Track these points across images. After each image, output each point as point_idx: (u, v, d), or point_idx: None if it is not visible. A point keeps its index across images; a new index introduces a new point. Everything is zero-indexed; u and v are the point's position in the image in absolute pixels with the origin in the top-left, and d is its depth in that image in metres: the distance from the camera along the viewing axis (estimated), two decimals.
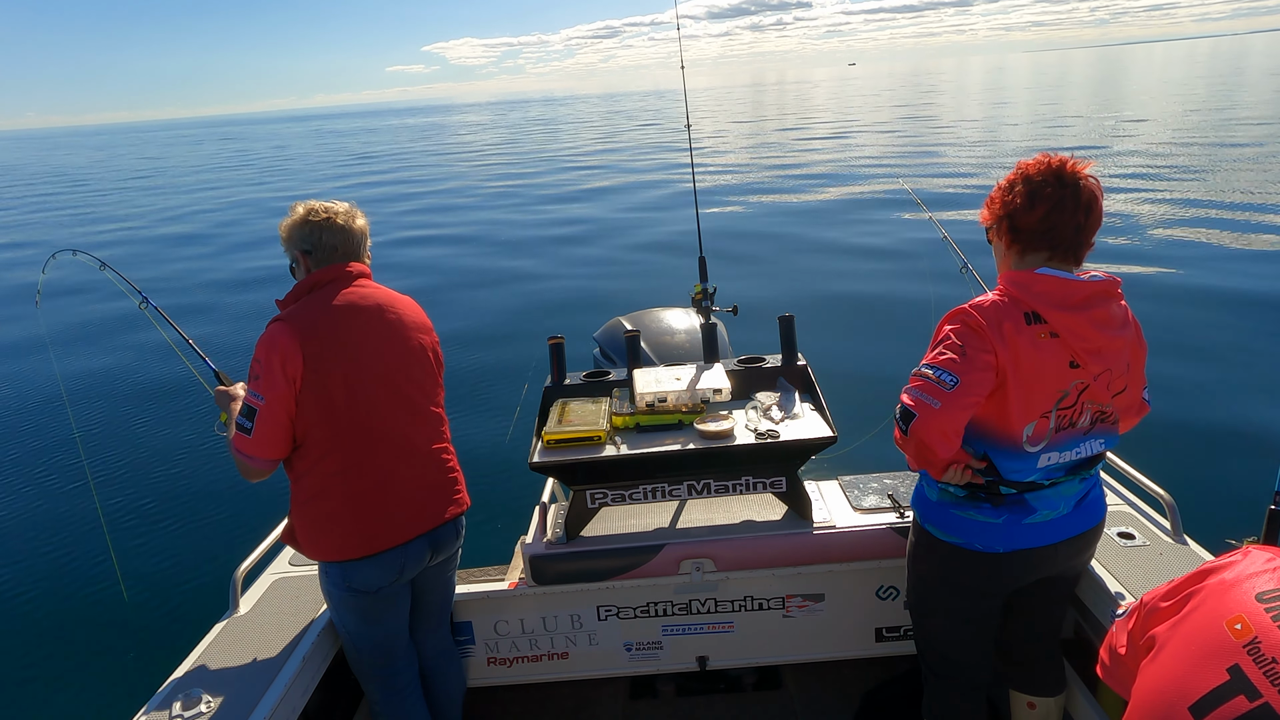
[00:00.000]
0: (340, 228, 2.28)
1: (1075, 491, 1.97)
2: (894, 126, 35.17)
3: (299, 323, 2.15)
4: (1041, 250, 1.86)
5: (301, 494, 2.22)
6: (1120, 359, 1.88)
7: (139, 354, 9.90)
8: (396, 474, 2.26)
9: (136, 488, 6.38)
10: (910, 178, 19.07)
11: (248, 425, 2.11)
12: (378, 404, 2.23)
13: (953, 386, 1.78)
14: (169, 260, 16.49)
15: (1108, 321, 1.82)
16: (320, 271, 2.26)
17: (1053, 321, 1.80)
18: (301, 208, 2.31)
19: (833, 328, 8.86)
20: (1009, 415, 1.85)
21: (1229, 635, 0.94)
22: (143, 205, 27.50)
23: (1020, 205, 1.85)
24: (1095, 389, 1.87)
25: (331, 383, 2.15)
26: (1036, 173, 1.85)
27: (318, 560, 2.29)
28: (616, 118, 67.42)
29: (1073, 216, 1.81)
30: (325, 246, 2.27)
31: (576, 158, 32.63)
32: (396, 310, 2.33)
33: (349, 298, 2.24)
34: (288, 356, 2.10)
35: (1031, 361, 1.81)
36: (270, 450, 2.14)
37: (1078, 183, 1.81)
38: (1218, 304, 8.68)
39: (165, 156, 60.61)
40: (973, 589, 2.06)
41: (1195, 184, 15.84)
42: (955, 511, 2.00)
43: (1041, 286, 1.81)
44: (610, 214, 17.91)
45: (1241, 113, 29.40)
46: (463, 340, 9.44)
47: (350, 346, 2.19)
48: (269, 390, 2.10)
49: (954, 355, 1.80)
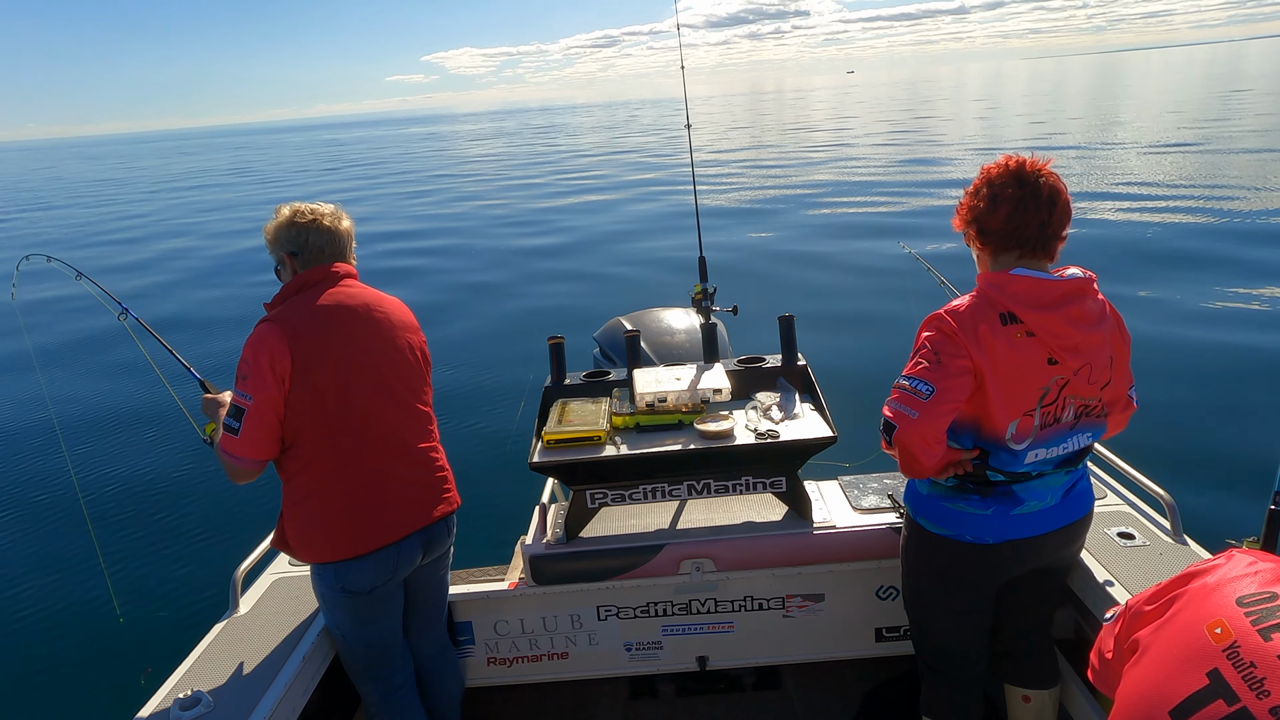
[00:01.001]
0: (327, 229, 2.28)
1: (1062, 483, 2.00)
2: (900, 135, 35.22)
3: (287, 323, 2.14)
4: (1011, 250, 1.90)
5: (294, 494, 2.21)
6: (1100, 353, 1.90)
7: (130, 356, 9.89)
8: (389, 472, 2.26)
9: (136, 488, 6.38)
10: (913, 191, 19.09)
11: (235, 426, 2.10)
12: (369, 403, 2.22)
13: (929, 396, 1.82)
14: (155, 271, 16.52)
15: (1083, 318, 1.84)
16: (307, 272, 2.25)
17: (1028, 321, 1.83)
18: (287, 209, 2.29)
19: (833, 327, 8.88)
20: (991, 414, 1.89)
21: (1209, 639, 0.94)
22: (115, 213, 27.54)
23: (984, 208, 1.90)
24: (1076, 383, 1.89)
25: (322, 382, 2.14)
26: (997, 175, 1.90)
27: (310, 563, 2.28)
28: (616, 123, 67.52)
29: (1035, 214, 1.85)
30: (312, 248, 2.26)
31: (577, 163, 32.71)
32: (384, 309, 2.33)
33: (337, 297, 2.24)
34: (276, 356, 2.09)
35: (1009, 362, 1.84)
36: (257, 451, 2.13)
37: (1038, 181, 1.86)
38: (1217, 300, 8.71)
39: (157, 166, 60.60)
40: (965, 581, 2.09)
41: (1192, 185, 15.91)
42: (945, 504, 2.04)
43: (1015, 287, 1.84)
44: (611, 214, 17.96)
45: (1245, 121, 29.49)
46: (463, 340, 9.46)
47: (339, 345, 2.18)
48: (257, 391, 2.08)
49: (928, 364, 1.85)
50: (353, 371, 2.19)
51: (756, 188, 21.17)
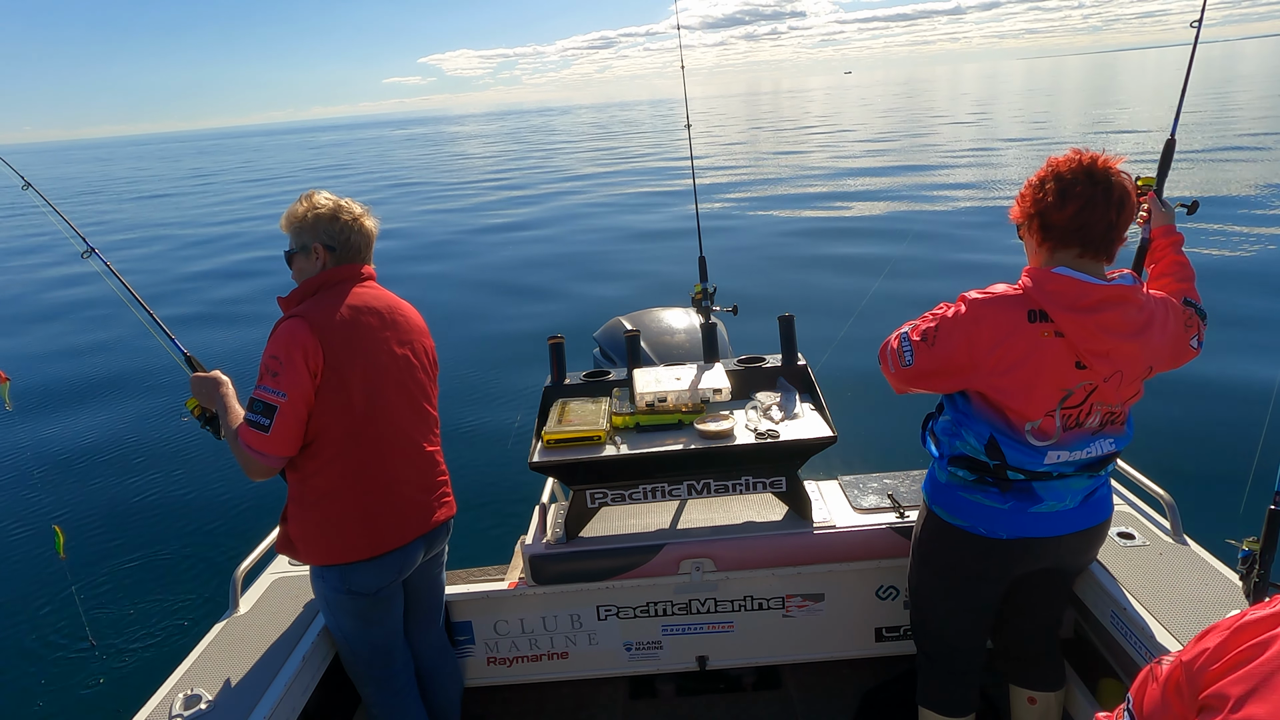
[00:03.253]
0: (364, 229, 2.28)
1: (1083, 487, 1.98)
2: (906, 135, 35.23)
3: (316, 319, 2.11)
4: (1073, 247, 1.85)
5: (310, 494, 2.17)
6: (1136, 364, 1.86)
7: (133, 338, 9.90)
8: (401, 476, 2.26)
9: (135, 488, 6.36)
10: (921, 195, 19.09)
11: (265, 423, 2.04)
12: (390, 405, 2.22)
13: (909, 364, 1.97)
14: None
15: (1118, 325, 1.80)
16: (335, 269, 2.22)
17: (1059, 321, 1.80)
18: (328, 200, 2.24)
19: (834, 327, 8.88)
20: (1009, 407, 1.88)
21: None
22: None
23: (1052, 202, 1.84)
24: (1105, 390, 1.86)
25: (351, 382, 2.12)
26: (1068, 170, 1.83)
27: (316, 565, 2.26)
28: (614, 124, 67.51)
29: (1104, 214, 1.80)
30: (352, 246, 2.25)
31: (576, 163, 32.71)
32: (403, 313, 2.34)
33: (363, 298, 2.23)
34: (310, 351, 2.06)
35: (1030, 359, 1.82)
36: (287, 448, 2.09)
37: (1109, 179, 1.80)
38: (1216, 304, 8.68)
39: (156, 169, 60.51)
40: (973, 573, 2.08)
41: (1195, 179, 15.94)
42: (963, 494, 2.02)
43: (1054, 285, 1.81)
44: (611, 214, 17.96)
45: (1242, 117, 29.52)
46: (463, 341, 9.46)
47: (366, 346, 2.17)
48: (292, 387, 2.04)
49: (923, 340, 1.94)
50: (378, 374, 2.19)
51: (756, 188, 21.18)
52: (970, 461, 1.98)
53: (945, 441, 2.04)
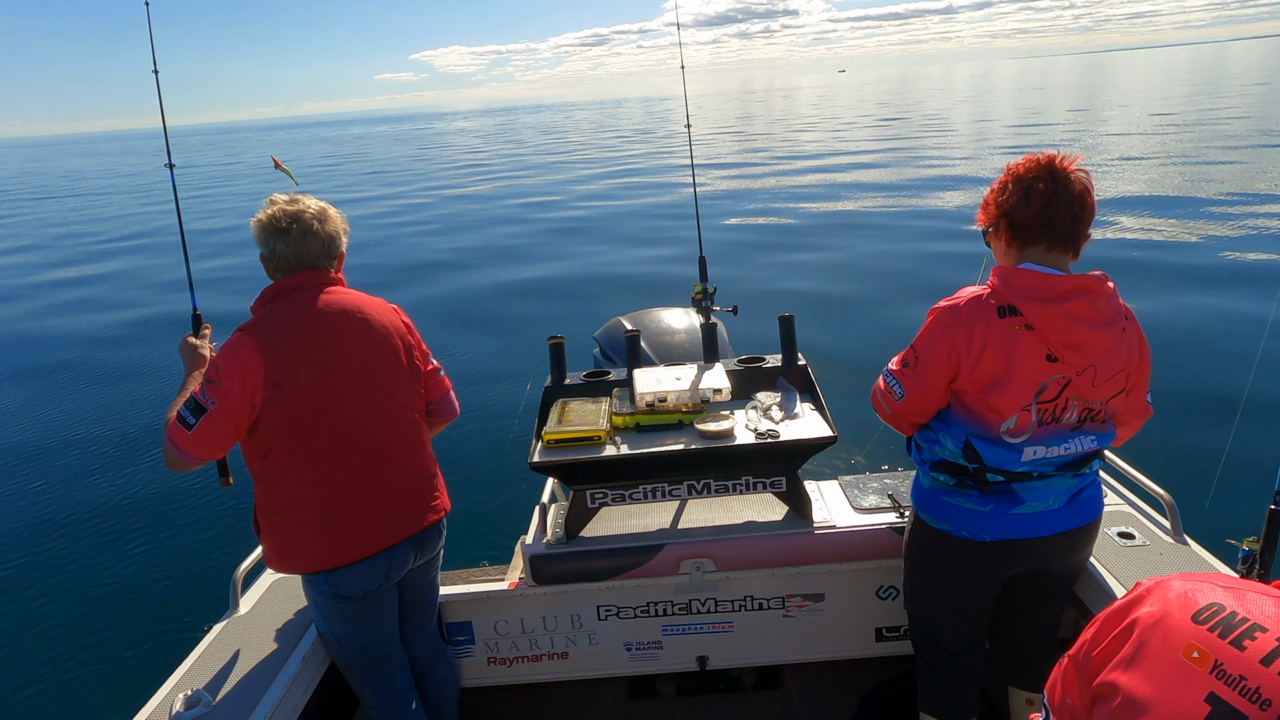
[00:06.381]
0: (302, 233, 2.20)
1: (1067, 487, 1.98)
2: (905, 134, 35.28)
3: (260, 333, 2.10)
4: (1040, 242, 1.90)
5: (274, 504, 2.17)
6: (1110, 357, 1.87)
7: (138, 333, 9.86)
8: (372, 481, 2.21)
9: (134, 488, 6.34)
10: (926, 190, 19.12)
11: (191, 421, 2.06)
12: (347, 412, 2.17)
13: (900, 399, 2.04)
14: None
15: (1086, 315, 1.83)
16: (284, 279, 2.20)
17: (1028, 314, 1.84)
18: (270, 209, 2.22)
19: (834, 326, 8.89)
20: (985, 406, 1.90)
21: (1192, 665, 0.91)
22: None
23: (1017, 201, 1.90)
24: (1079, 384, 1.88)
25: (296, 393, 2.10)
26: (1027, 170, 1.91)
27: (291, 573, 2.26)
28: (610, 122, 67.44)
29: (1068, 208, 1.87)
30: (280, 256, 2.21)
31: (575, 162, 32.67)
32: (365, 314, 2.26)
33: (313, 305, 2.18)
34: (249, 368, 2.06)
35: (1005, 355, 1.85)
36: (204, 453, 2.10)
37: (1068, 176, 1.88)
38: (1216, 301, 8.74)
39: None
40: (961, 577, 2.10)
41: (1183, 180, 15.99)
42: (945, 498, 2.05)
43: (1020, 280, 1.86)
44: (611, 214, 17.94)
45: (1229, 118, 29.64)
46: (463, 341, 9.44)
47: (314, 356, 2.13)
48: (223, 399, 2.05)
49: (908, 366, 2.00)
50: (328, 382, 2.14)
51: (757, 185, 21.19)
52: (950, 466, 2.01)
53: (926, 448, 2.08)
